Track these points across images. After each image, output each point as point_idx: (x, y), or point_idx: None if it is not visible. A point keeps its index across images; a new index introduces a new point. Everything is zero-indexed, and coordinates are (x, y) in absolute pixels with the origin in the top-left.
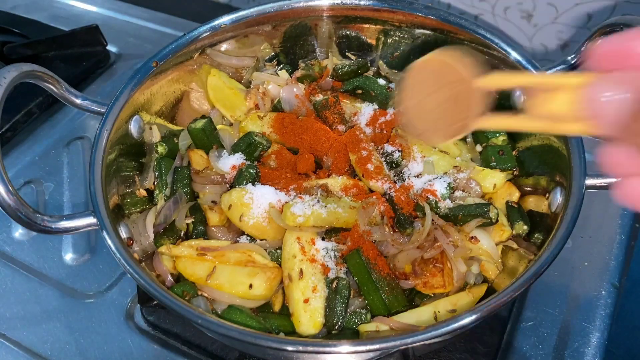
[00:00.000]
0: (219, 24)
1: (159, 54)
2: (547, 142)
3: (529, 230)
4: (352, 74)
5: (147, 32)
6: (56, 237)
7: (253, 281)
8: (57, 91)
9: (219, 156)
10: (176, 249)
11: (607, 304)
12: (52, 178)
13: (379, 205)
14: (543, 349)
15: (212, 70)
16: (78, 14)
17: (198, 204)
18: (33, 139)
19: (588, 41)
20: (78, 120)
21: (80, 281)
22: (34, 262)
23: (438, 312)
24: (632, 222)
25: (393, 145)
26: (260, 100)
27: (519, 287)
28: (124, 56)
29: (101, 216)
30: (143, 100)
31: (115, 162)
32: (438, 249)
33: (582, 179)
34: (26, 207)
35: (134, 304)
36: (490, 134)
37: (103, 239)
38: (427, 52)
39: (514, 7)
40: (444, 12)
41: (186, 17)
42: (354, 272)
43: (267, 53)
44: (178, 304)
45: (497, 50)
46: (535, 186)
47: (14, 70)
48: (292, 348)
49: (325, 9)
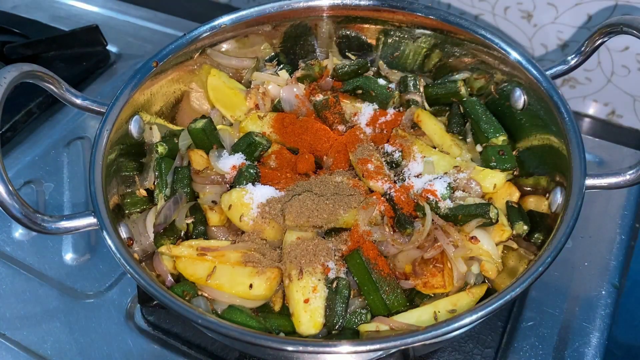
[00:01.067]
0: (219, 24)
1: (159, 54)
2: (548, 142)
3: (529, 230)
4: (352, 74)
5: (147, 32)
6: (56, 237)
7: (253, 281)
8: (57, 91)
9: (219, 156)
10: (176, 249)
11: (607, 304)
12: (52, 178)
13: (379, 205)
14: (543, 349)
15: (212, 70)
16: (78, 14)
17: (198, 204)
18: (33, 139)
19: (588, 41)
20: (78, 120)
21: (80, 281)
22: (34, 262)
23: (438, 312)
24: (632, 222)
25: (393, 145)
26: (260, 100)
27: (518, 288)
28: (124, 56)
29: (101, 216)
30: (143, 100)
31: (115, 162)
32: (438, 249)
33: (582, 179)
34: (26, 207)
35: (134, 304)
36: (491, 134)
37: (103, 239)
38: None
39: (513, 7)
40: (444, 12)
41: (186, 17)
42: (354, 272)
43: (267, 53)
44: (178, 304)
45: (497, 50)
46: (536, 186)
47: (14, 70)
48: (292, 348)
49: (325, 9)
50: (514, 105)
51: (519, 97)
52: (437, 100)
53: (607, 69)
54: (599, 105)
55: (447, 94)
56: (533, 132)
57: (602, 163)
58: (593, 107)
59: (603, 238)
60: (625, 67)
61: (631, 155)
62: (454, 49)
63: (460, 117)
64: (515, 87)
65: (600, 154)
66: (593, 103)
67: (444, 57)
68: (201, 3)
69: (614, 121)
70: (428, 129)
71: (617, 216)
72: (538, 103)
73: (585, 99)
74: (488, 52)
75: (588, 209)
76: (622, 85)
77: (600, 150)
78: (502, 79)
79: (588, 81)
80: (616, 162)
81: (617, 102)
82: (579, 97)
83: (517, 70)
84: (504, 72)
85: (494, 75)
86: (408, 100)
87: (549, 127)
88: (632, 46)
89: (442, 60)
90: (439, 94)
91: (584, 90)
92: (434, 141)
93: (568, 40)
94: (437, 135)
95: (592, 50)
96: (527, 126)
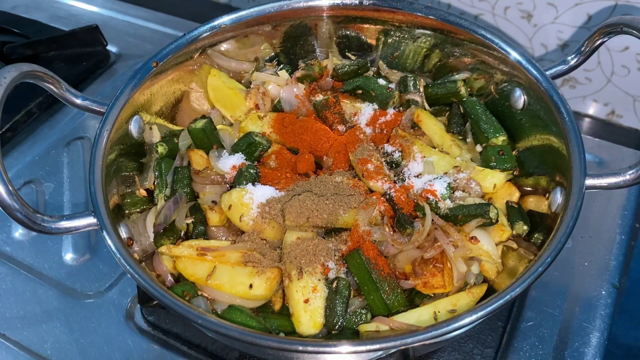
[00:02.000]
0: (219, 24)
1: (159, 54)
2: (547, 142)
3: (529, 230)
4: (352, 74)
5: (146, 32)
6: (56, 237)
7: (253, 281)
8: (57, 91)
9: (219, 156)
10: (176, 249)
11: (607, 304)
12: (52, 178)
13: (379, 205)
14: (543, 349)
15: (212, 71)
16: (78, 14)
17: (198, 204)
18: (33, 139)
19: (588, 41)
20: (78, 120)
21: (80, 281)
22: (34, 262)
23: (438, 312)
24: (632, 222)
25: (393, 145)
26: (260, 101)
27: (518, 288)
28: (124, 56)
29: (101, 216)
30: (143, 100)
31: (115, 162)
32: (438, 249)
33: (582, 179)
34: (26, 207)
35: (134, 304)
36: (490, 134)
37: (103, 239)
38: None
39: (513, 7)
40: (444, 12)
41: (186, 17)
42: (354, 272)
43: (267, 53)
44: (178, 304)
45: (497, 50)
46: (536, 186)
47: (14, 70)
48: (292, 348)
49: (325, 9)
50: (514, 105)
51: (519, 97)
52: (437, 100)
53: (607, 69)
54: (599, 105)
55: (447, 94)
56: (533, 132)
57: (602, 163)
58: (593, 107)
59: (603, 238)
60: (625, 67)
61: (631, 155)
62: (453, 49)
63: (460, 117)
64: (515, 87)
65: (600, 154)
66: (593, 103)
67: (443, 57)
68: (201, 3)
69: (613, 121)
70: (428, 129)
71: (617, 216)
72: (538, 103)
73: (585, 99)
74: (488, 52)
75: (588, 209)
76: (622, 85)
77: (600, 150)
78: (502, 79)
79: (588, 81)
80: (616, 162)
81: (617, 102)
82: (579, 97)
83: (517, 70)
84: (504, 72)
85: (494, 75)
86: (408, 100)
87: (549, 127)
88: (632, 46)
89: (442, 61)
90: (439, 94)
91: (584, 90)
92: (434, 141)
93: (568, 40)
94: (437, 135)
95: (592, 50)
96: (527, 126)
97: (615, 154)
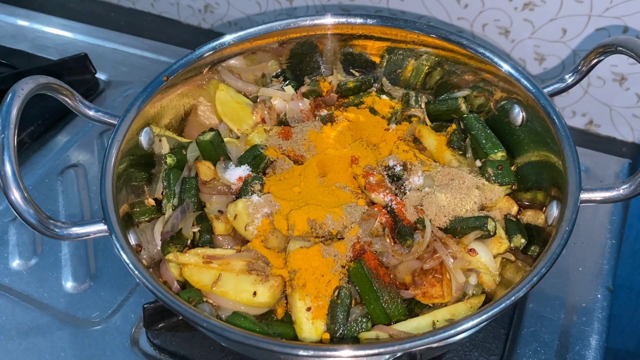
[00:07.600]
0: (227, 41)
1: (170, 68)
2: (545, 157)
3: (526, 243)
4: (355, 90)
5: (134, 59)
6: (55, 266)
7: (257, 289)
8: (71, 103)
9: (226, 168)
10: (183, 257)
11: (603, 307)
12: (47, 208)
13: (380, 217)
14: (545, 353)
15: (221, 85)
16: (63, 43)
17: (205, 213)
18: (26, 169)
19: (584, 60)
20: (70, 149)
21: (82, 309)
22: (33, 292)
23: (437, 321)
24: (620, 227)
25: (394, 159)
26: (266, 115)
27: (513, 297)
28: (113, 83)
29: (111, 222)
30: (153, 113)
31: (125, 172)
32: (437, 260)
33: (577, 193)
34: (40, 213)
35: (138, 329)
36: (489, 150)
37: (113, 245)
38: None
39: (491, 24)
40: (444, 31)
41: (171, 43)
42: (356, 282)
43: (274, 69)
44: (185, 308)
45: (496, 68)
46: (533, 200)
47: (31, 82)
48: (294, 352)
49: (330, 27)
50: (513, 121)
51: (517, 114)
52: (438, 116)
53: (584, 81)
54: (577, 115)
55: (448, 110)
56: (531, 147)
57: (587, 170)
58: (572, 118)
59: (594, 243)
60: (601, 79)
61: (615, 162)
62: (454, 67)
63: (461, 133)
64: (514, 104)
65: (585, 161)
66: (572, 114)
67: (445, 75)
68: (185, 29)
69: (592, 130)
70: (429, 143)
71: (606, 222)
72: (535, 119)
73: (564, 110)
74: (488, 70)
75: (579, 216)
76: (598, 96)
77: (584, 159)
78: (501, 96)
79: (566, 93)
80: (601, 170)
81: (594, 112)
82: (559, 109)
83: (515, 87)
84: (503, 89)
85: (493, 93)
86: (410, 116)
87: (545, 143)
88: (607, 58)
89: (444, 78)
90: (440, 111)
91: (563, 102)
92: (434, 156)
93: (545, 54)
94: (437, 150)
95: (588, 69)
96: (526, 142)
97: (600, 162)
